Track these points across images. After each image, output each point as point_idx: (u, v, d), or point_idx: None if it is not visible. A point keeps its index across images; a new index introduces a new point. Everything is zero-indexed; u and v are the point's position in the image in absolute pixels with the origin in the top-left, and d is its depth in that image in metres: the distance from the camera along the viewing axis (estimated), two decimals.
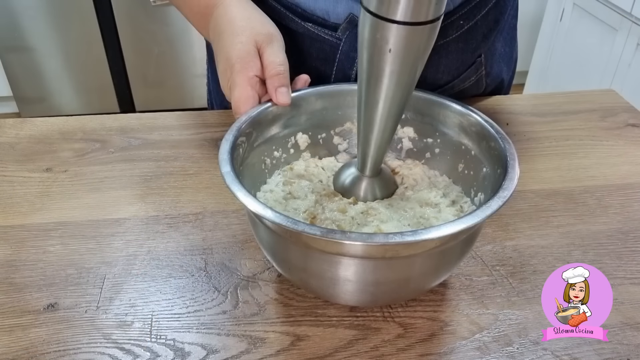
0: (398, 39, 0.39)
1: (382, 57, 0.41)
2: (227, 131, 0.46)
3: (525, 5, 2.16)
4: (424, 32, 0.40)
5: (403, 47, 0.40)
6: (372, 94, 0.43)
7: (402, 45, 0.40)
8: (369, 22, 0.40)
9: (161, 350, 0.44)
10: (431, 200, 0.51)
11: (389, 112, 0.44)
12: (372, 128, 0.45)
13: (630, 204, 0.60)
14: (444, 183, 0.53)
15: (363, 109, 0.45)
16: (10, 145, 0.68)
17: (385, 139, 0.47)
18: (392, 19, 0.38)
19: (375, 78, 0.42)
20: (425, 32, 0.40)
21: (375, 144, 0.47)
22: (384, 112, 0.44)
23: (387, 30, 0.39)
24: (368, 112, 0.45)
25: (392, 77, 0.42)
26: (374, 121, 0.45)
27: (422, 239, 0.37)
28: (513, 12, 0.75)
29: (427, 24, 0.39)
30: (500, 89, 0.80)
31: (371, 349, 0.45)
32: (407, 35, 0.39)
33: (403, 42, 0.40)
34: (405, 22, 0.38)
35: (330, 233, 0.37)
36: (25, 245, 0.54)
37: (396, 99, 0.43)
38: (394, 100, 0.43)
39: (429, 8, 0.38)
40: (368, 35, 0.40)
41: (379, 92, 0.43)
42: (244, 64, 0.52)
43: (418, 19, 0.38)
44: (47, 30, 2.05)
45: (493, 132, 0.47)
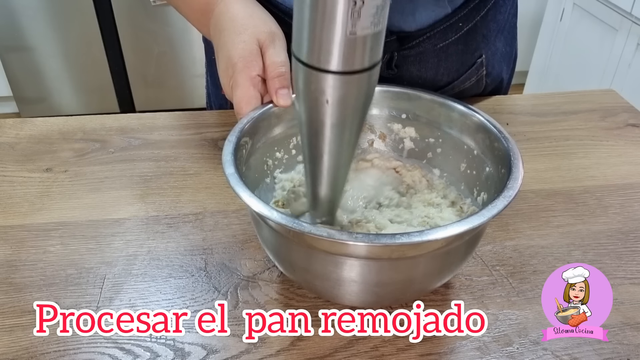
0: (334, 90, 0.36)
1: (320, 109, 0.37)
2: (230, 132, 0.46)
3: (525, 5, 2.16)
4: (361, 81, 0.36)
5: (341, 98, 0.37)
6: (315, 147, 0.40)
7: (339, 96, 0.37)
8: (302, 73, 0.37)
9: (161, 350, 0.44)
10: (432, 201, 0.51)
11: (336, 164, 0.41)
12: (320, 182, 0.43)
13: (631, 204, 0.60)
14: (442, 185, 0.54)
15: (308, 163, 0.42)
16: (10, 145, 0.68)
17: (336, 191, 0.44)
18: (326, 70, 0.35)
19: (316, 130, 0.39)
20: (363, 80, 0.36)
21: (325, 197, 0.44)
22: (331, 165, 0.41)
23: (322, 82, 0.36)
24: (313, 166, 0.42)
25: (334, 130, 0.39)
26: (320, 176, 0.42)
27: (429, 239, 0.36)
28: (513, 10, 0.75)
29: (365, 72, 0.36)
30: (500, 88, 0.80)
31: (371, 349, 0.45)
32: (343, 86, 0.36)
33: (340, 93, 0.36)
34: (340, 72, 0.35)
35: (336, 234, 0.37)
36: (25, 245, 0.54)
37: (342, 151, 0.40)
38: (340, 152, 0.40)
39: (363, 55, 0.35)
40: (303, 87, 0.37)
41: (322, 145, 0.40)
42: (246, 63, 0.52)
43: (353, 67, 0.35)
44: (47, 30, 2.05)
45: (496, 132, 0.47)
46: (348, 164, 0.42)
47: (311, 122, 0.39)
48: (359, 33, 0.34)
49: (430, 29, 0.66)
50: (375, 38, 0.35)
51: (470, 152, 0.51)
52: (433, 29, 0.66)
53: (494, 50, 0.74)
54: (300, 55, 0.36)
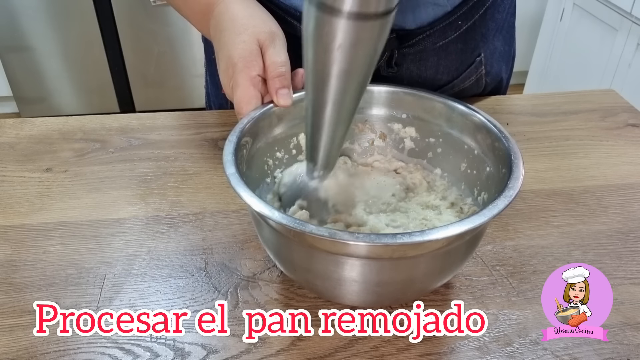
0: (346, 35, 0.36)
1: (329, 55, 0.37)
2: (231, 132, 0.46)
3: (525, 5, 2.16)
4: (374, 28, 0.36)
5: (352, 45, 0.36)
6: (319, 96, 0.40)
7: (351, 42, 0.36)
8: (313, 16, 0.36)
9: (161, 350, 0.44)
10: (431, 203, 0.51)
11: (338, 116, 0.41)
12: (321, 133, 0.43)
13: (631, 204, 0.60)
14: (443, 187, 0.54)
15: (310, 112, 0.42)
16: (10, 145, 0.68)
17: (335, 145, 0.44)
18: (339, 9, 0.35)
19: (322, 78, 0.39)
20: (375, 28, 0.36)
21: (324, 150, 0.44)
22: (333, 117, 0.41)
23: (334, 26, 0.36)
24: (315, 116, 0.42)
25: (342, 77, 0.38)
26: (322, 126, 0.42)
27: (430, 239, 0.36)
28: (511, 10, 0.75)
29: (378, 19, 0.36)
30: (499, 88, 0.80)
31: (371, 349, 0.45)
32: (356, 31, 0.36)
33: (352, 39, 0.36)
34: (354, 12, 0.35)
35: (337, 234, 0.37)
36: (25, 245, 0.54)
37: (346, 102, 0.40)
38: (343, 103, 0.40)
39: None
40: (313, 31, 0.37)
41: (328, 94, 0.40)
42: (246, 63, 0.52)
43: (368, 9, 0.35)
44: (47, 30, 2.05)
45: (496, 132, 0.47)
46: (350, 116, 0.42)
47: (318, 69, 0.39)
48: None
49: (429, 27, 0.66)
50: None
51: (470, 151, 0.51)
52: (433, 27, 0.66)
53: (493, 49, 0.74)
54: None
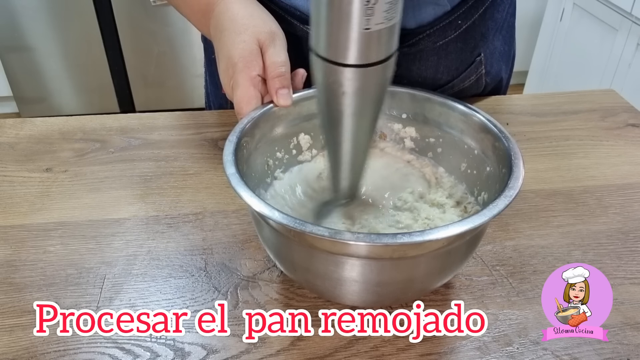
0: (351, 82, 0.38)
1: (338, 100, 0.40)
2: (231, 132, 0.46)
3: (525, 5, 2.16)
4: (377, 72, 0.38)
5: (358, 90, 0.39)
6: (334, 135, 0.43)
7: (356, 88, 0.39)
8: (320, 66, 0.39)
9: (161, 350, 0.44)
10: (437, 201, 0.51)
11: (354, 150, 0.44)
12: (340, 167, 0.45)
13: (630, 204, 0.60)
14: (450, 183, 0.53)
15: (328, 149, 0.45)
16: (10, 145, 0.68)
17: (356, 175, 0.46)
18: (343, 64, 0.37)
19: (335, 120, 0.42)
20: (378, 71, 0.38)
21: (346, 181, 0.46)
22: (350, 152, 0.44)
23: (339, 74, 0.38)
24: (333, 152, 0.45)
25: (352, 119, 0.41)
26: (341, 161, 0.45)
27: (430, 239, 0.36)
28: (511, 9, 0.75)
29: (380, 63, 0.38)
30: (499, 88, 0.80)
31: (371, 348, 0.45)
32: (360, 78, 0.38)
33: (357, 85, 0.38)
34: (357, 65, 0.37)
35: (337, 234, 0.37)
36: (25, 245, 0.54)
37: (359, 137, 0.43)
38: (357, 138, 0.43)
39: (379, 48, 0.37)
40: (321, 79, 0.40)
41: (341, 133, 0.42)
42: (246, 63, 0.52)
43: (369, 60, 0.37)
44: (47, 30, 2.05)
45: (496, 132, 0.47)
46: (366, 149, 0.45)
47: (330, 112, 0.41)
48: (373, 28, 0.35)
49: (429, 27, 0.66)
50: (389, 31, 0.37)
51: (470, 151, 0.51)
52: (433, 26, 0.66)
53: (492, 49, 0.74)
54: (319, 50, 0.38)
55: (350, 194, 0.48)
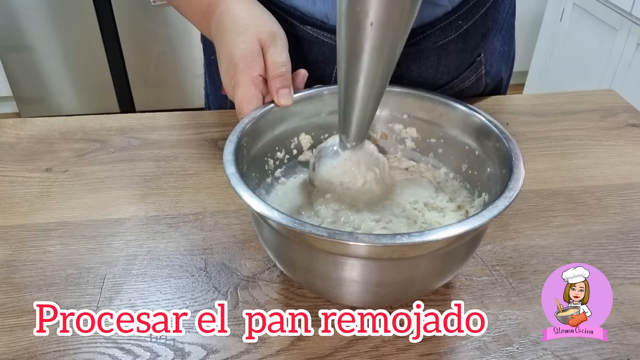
0: (379, 11, 0.37)
1: (362, 32, 0.39)
2: (231, 132, 0.46)
3: (525, 5, 2.16)
4: (405, 4, 0.38)
5: (385, 21, 0.38)
6: (352, 71, 0.42)
7: (383, 19, 0.38)
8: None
9: (161, 350, 0.44)
10: (437, 205, 0.51)
11: (370, 90, 0.43)
12: (353, 107, 0.44)
13: (630, 204, 0.60)
14: (452, 187, 0.53)
15: (342, 87, 0.44)
16: (10, 145, 0.68)
17: (367, 118, 0.46)
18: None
19: (356, 54, 0.40)
20: (406, 3, 0.38)
21: (356, 122, 0.46)
22: (365, 91, 0.43)
23: (366, 3, 0.37)
24: (348, 90, 0.43)
25: (373, 54, 0.40)
26: (354, 100, 0.44)
27: (429, 239, 0.36)
28: (511, 10, 0.75)
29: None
30: (499, 88, 0.80)
31: (371, 348, 0.45)
32: (387, 7, 0.37)
33: (385, 15, 0.37)
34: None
35: (337, 234, 0.37)
36: (25, 245, 0.54)
37: (377, 77, 0.42)
38: (375, 78, 0.42)
39: None
40: (346, 9, 0.38)
41: (360, 69, 0.41)
42: (247, 63, 0.52)
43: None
44: (47, 30, 2.05)
45: (497, 132, 0.47)
46: (382, 90, 0.44)
47: (351, 45, 0.40)
48: None
49: (430, 27, 0.66)
50: None
51: (471, 152, 0.51)
52: (433, 26, 0.66)
53: (492, 49, 0.74)
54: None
55: (359, 136, 0.47)
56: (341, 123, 0.47)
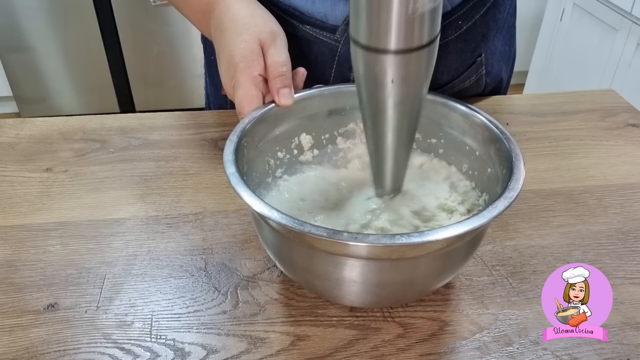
0: (396, 69, 0.37)
1: (382, 89, 0.38)
2: (231, 132, 0.46)
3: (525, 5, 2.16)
4: (421, 58, 0.37)
5: (403, 77, 0.38)
6: (378, 126, 0.42)
7: (402, 75, 0.37)
8: (361, 56, 0.38)
9: (161, 350, 0.44)
10: (448, 206, 0.51)
11: (399, 142, 0.42)
12: (385, 161, 0.44)
13: (630, 204, 0.60)
14: (465, 188, 0.53)
15: (372, 143, 0.44)
16: (10, 145, 0.68)
17: (401, 168, 0.45)
18: (386, 50, 0.36)
19: (379, 111, 0.40)
20: (423, 57, 0.37)
21: (391, 175, 0.45)
22: (395, 143, 0.42)
23: (383, 63, 0.37)
24: (377, 145, 0.43)
25: (397, 108, 0.40)
26: (385, 154, 0.43)
27: (429, 240, 0.36)
28: (511, 10, 0.75)
29: (424, 49, 0.37)
30: (499, 88, 0.80)
31: (371, 349, 0.45)
32: (405, 64, 0.37)
33: (402, 72, 0.37)
34: (401, 50, 0.36)
35: (336, 234, 0.37)
36: (25, 246, 0.54)
37: (404, 128, 0.42)
38: (402, 129, 0.42)
39: (423, 31, 0.36)
40: (363, 69, 0.38)
41: (385, 124, 0.41)
42: (247, 63, 0.52)
43: (412, 45, 0.36)
44: (47, 30, 2.05)
45: (498, 133, 0.47)
46: (411, 140, 0.44)
47: (373, 102, 0.40)
48: (420, 10, 0.34)
49: None
50: (434, 12, 0.35)
51: (472, 152, 0.51)
52: None
53: (493, 50, 0.74)
54: (359, 38, 0.37)
55: (395, 188, 0.47)
56: (375, 177, 0.47)
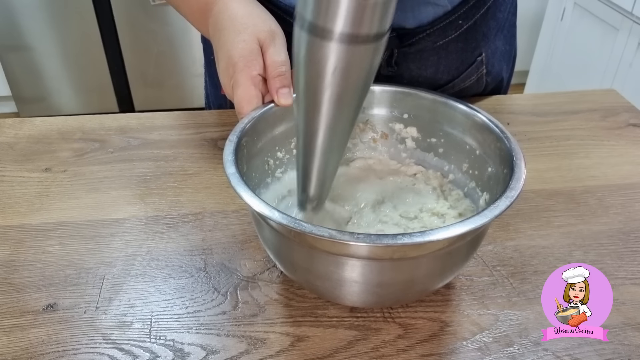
0: (340, 58, 0.35)
1: (321, 80, 0.37)
2: (231, 132, 0.46)
3: (526, 4, 2.16)
4: (367, 52, 0.36)
5: (345, 68, 0.36)
6: (311, 123, 0.39)
7: (344, 66, 0.36)
8: (305, 41, 0.36)
9: (160, 350, 0.44)
10: (437, 210, 0.51)
11: (330, 143, 0.40)
12: (313, 162, 0.42)
13: (632, 204, 0.60)
14: (456, 196, 0.53)
15: (301, 141, 0.41)
16: (9, 145, 0.68)
17: (329, 174, 0.43)
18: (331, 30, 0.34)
19: (314, 104, 0.38)
20: (369, 51, 0.36)
21: (316, 178, 0.43)
22: (326, 144, 0.40)
23: (326, 49, 0.35)
24: (307, 144, 0.41)
25: (334, 102, 0.38)
26: (314, 154, 0.41)
27: (430, 239, 0.36)
28: (512, 9, 0.75)
29: (371, 42, 0.35)
30: (500, 88, 0.80)
31: (371, 349, 0.45)
32: (349, 54, 0.35)
33: (345, 62, 0.36)
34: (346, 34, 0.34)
35: (337, 235, 0.36)
36: (24, 246, 0.54)
37: (339, 128, 0.39)
38: (336, 129, 0.39)
39: (372, 21, 0.35)
40: (304, 56, 0.37)
41: (319, 120, 0.39)
42: (246, 63, 0.52)
43: (360, 31, 0.35)
44: (46, 30, 2.05)
45: (498, 132, 0.47)
46: (344, 143, 0.41)
47: (310, 93, 0.38)
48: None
49: (429, 26, 0.66)
50: (386, 5, 0.34)
51: (472, 152, 0.51)
52: (433, 26, 0.66)
53: (494, 49, 0.73)
54: (305, 13, 0.35)
55: (319, 196, 0.45)
56: (300, 182, 0.44)
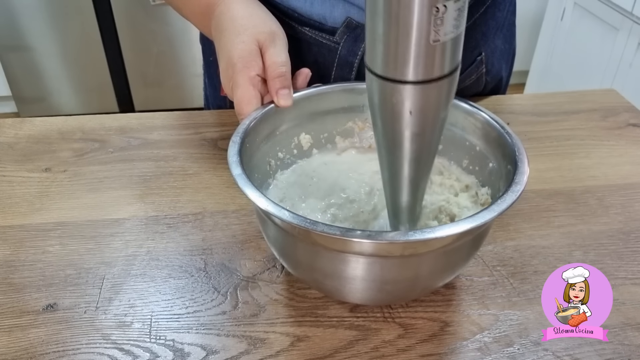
0: (414, 100, 0.35)
1: (399, 120, 0.36)
2: (234, 133, 0.46)
3: (526, 4, 2.16)
4: (442, 88, 0.35)
5: (422, 107, 0.35)
6: (394, 157, 0.39)
7: (421, 106, 0.35)
8: (377, 86, 0.35)
9: (160, 350, 0.44)
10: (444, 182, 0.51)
11: (416, 173, 0.40)
12: (401, 193, 0.42)
13: (632, 204, 0.60)
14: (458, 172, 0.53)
15: (387, 175, 0.41)
16: (9, 145, 0.68)
17: (419, 201, 0.43)
18: (404, 81, 0.34)
19: (396, 142, 0.38)
20: (443, 87, 0.35)
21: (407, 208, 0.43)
22: (412, 174, 0.40)
23: (401, 93, 0.34)
24: (393, 177, 0.41)
25: (415, 139, 0.37)
26: (401, 185, 0.41)
27: (436, 236, 0.36)
28: (511, 8, 0.75)
29: (446, 77, 0.34)
30: (499, 87, 0.80)
31: (371, 349, 0.45)
32: (424, 95, 0.35)
33: (421, 103, 0.35)
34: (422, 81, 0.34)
35: (342, 232, 0.36)
36: (24, 246, 0.54)
37: (422, 159, 0.40)
38: (420, 160, 0.39)
39: (444, 61, 0.33)
40: (379, 99, 0.36)
41: (402, 155, 0.39)
42: (245, 64, 0.52)
43: (433, 75, 0.34)
44: (46, 30, 2.05)
45: (499, 128, 0.47)
46: (428, 171, 0.42)
47: (390, 133, 0.38)
48: (442, 40, 0.32)
49: None
50: (455, 42, 0.33)
51: (472, 148, 0.51)
52: None
53: (494, 48, 0.73)
54: (374, 68, 0.34)
55: (410, 220, 0.45)
56: (390, 209, 0.45)
